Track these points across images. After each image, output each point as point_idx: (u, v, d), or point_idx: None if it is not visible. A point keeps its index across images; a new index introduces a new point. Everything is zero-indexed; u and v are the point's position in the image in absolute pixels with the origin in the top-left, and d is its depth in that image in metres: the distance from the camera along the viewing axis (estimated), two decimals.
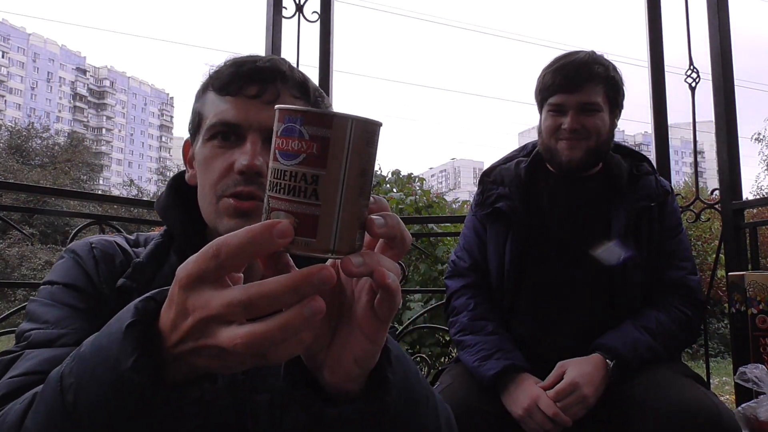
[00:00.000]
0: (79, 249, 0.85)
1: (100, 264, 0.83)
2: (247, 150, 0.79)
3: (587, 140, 1.43)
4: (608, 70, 1.44)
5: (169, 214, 0.89)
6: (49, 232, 20.60)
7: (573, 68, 1.42)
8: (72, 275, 0.82)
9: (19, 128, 30.30)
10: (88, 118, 72.64)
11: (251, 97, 0.81)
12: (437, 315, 4.45)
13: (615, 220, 1.44)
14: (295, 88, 0.84)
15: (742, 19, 32.21)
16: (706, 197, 2.28)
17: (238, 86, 0.81)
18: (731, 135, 2.12)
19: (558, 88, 1.43)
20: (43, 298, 0.81)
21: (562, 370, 1.29)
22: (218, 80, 0.83)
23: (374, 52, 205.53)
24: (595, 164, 1.48)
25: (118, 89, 76.50)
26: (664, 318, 1.39)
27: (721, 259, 2.31)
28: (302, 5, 2.59)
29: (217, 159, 0.82)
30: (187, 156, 0.92)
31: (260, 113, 0.80)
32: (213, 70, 0.86)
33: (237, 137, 0.81)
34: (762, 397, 1.28)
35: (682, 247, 1.49)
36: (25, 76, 67.61)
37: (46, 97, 69.41)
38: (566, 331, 1.43)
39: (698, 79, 2.22)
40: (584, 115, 1.42)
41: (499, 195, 1.53)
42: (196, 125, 0.87)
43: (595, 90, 1.42)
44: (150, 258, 0.85)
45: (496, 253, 1.52)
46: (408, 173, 6.67)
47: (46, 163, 27.09)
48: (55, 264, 0.87)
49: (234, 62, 0.84)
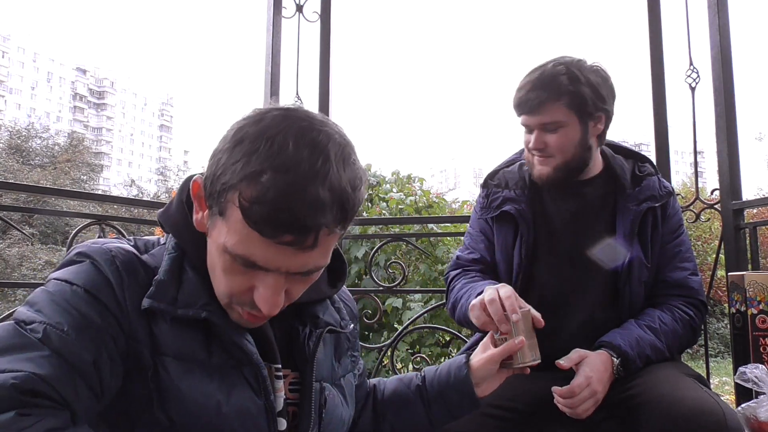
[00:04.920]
0: (100, 257, 0.80)
1: (125, 278, 0.80)
2: (268, 293, 0.77)
3: (553, 157, 1.44)
4: (563, 85, 1.39)
5: (181, 233, 0.87)
6: (49, 232, 20.59)
7: (527, 90, 1.41)
8: (96, 284, 0.78)
9: (19, 128, 30.27)
10: (88, 118, 72.58)
11: (285, 244, 0.72)
12: (437, 315, 4.45)
13: (620, 221, 1.45)
14: (336, 223, 0.74)
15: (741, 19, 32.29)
16: (706, 197, 2.28)
17: (272, 232, 0.71)
18: (731, 135, 2.12)
19: (519, 110, 1.45)
20: (56, 295, 0.76)
21: (580, 360, 1.28)
22: (250, 210, 0.71)
23: (374, 53, 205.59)
24: (570, 177, 1.48)
25: (118, 89, 76.47)
26: (667, 318, 1.40)
27: (721, 259, 2.31)
28: (302, 5, 2.59)
29: (235, 276, 0.78)
30: (196, 194, 0.82)
31: (292, 260, 0.74)
32: (246, 169, 0.71)
33: (259, 268, 0.76)
34: (762, 397, 1.28)
35: (684, 248, 1.50)
36: (25, 76, 67.61)
37: (46, 97, 69.35)
38: (571, 332, 1.44)
39: (698, 79, 2.22)
40: (547, 132, 1.42)
41: (505, 198, 1.54)
42: (214, 203, 0.77)
43: (554, 108, 1.40)
44: (170, 275, 0.83)
45: (505, 255, 1.52)
46: (408, 173, 6.68)
47: (46, 163, 27.07)
48: (67, 267, 0.82)
49: (273, 201, 0.70)
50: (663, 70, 2.27)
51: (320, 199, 0.71)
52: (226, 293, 0.81)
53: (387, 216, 5.51)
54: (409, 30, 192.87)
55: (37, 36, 74.22)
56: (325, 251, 0.77)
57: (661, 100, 2.27)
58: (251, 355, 0.84)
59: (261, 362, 0.85)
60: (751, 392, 1.35)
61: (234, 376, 0.83)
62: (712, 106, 2.16)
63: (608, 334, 1.36)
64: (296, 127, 0.74)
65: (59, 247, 18.06)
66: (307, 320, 0.95)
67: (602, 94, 1.43)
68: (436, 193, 6.70)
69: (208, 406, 0.79)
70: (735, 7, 2.17)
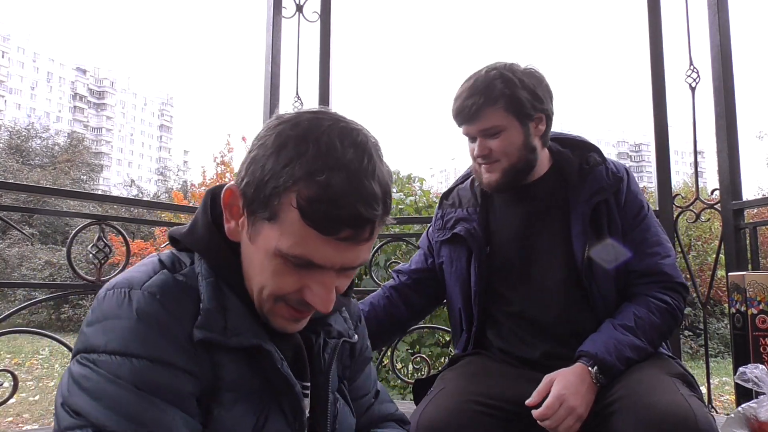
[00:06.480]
0: (144, 303, 0.75)
1: (176, 314, 0.76)
2: (322, 292, 0.78)
3: (499, 162, 1.44)
4: (497, 89, 1.39)
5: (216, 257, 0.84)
6: (49, 232, 20.61)
7: (463, 98, 1.42)
8: (157, 345, 0.73)
9: (18, 128, 30.29)
10: (88, 118, 72.58)
11: (343, 239, 0.75)
12: (437, 315, 4.44)
13: (572, 221, 1.43)
14: (385, 214, 0.78)
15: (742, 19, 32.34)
16: (706, 197, 2.28)
17: (332, 229, 0.73)
18: (731, 135, 2.12)
19: (457, 119, 1.45)
20: (121, 381, 0.70)
21: (550, 383, 1.27)
22: (310, 209, 0.73)
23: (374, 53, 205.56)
24: (518, 180, 1.47)
25: (118, 89, 76.47)
26: (642, 311, 1.37)
27: (721, 259, 2.31)
28: (302, 5, 2.60)
29: (286, 277, 0.78)
30: (228, 202, 0.82)
31: (346, 254, 0.77)
32: (301, 171, 0.73)
33: (313, 266, 0.77)
34: (762, 397, 1.27)
35: (650, 233, 1.46)
36: (25, 76, 67.62)
37: (46, 97, 69.34)
38: (547, 336, 1.42)
39: (698, 79, 2.22)
40: (489, 138, 1.42)
41: (458, 218, 1.55)
42: (263, 208, 0.76)
43: (490, 114, 1.40)
44: (215, 302, 0.79)
45: (459, 275, 1.52)
46: (408, 173, 6.68)
47: (46, 163, 27.10)
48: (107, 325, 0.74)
49: (332, 198, 0.72)
50: (663, 69, 2.28)
51: (374, 193, 0.75)
52: (275, 295, 0.80)
53: None
54: (409, 30, 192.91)
55: (37, 36, 74.33)
56: (372, 244, 0.81)
57: (661, 100, 2.27)
58: (293, 387, 0.83)
59: (301, 394, 0.84)
60: (751, 392, 1.34)
61: (272, 404, 0.82)
62: (712, 106, 2.17)
63: (585, 342, 1.33)
64: (336, 128, 0.77)
65: (59, 247, 18.08)
66: (320, 329, 0.95)
67: (539, 94, 1.43)
68: (436, 193, 6.70)
69: None
70: (735, 6, 2.18)
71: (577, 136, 1.58)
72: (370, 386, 1.10)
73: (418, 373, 2.94)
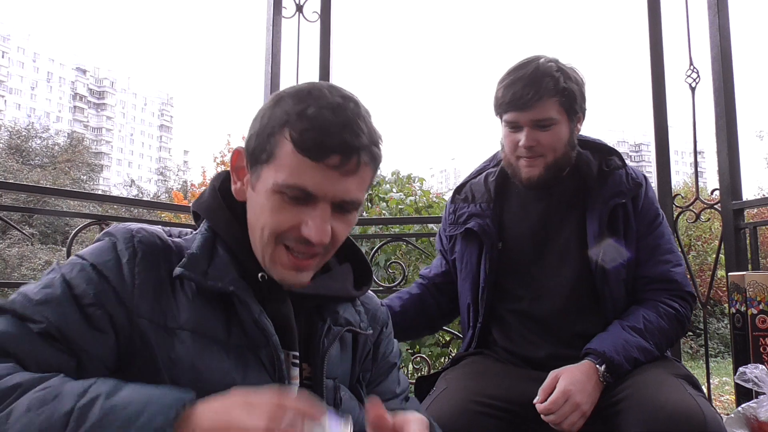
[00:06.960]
0: (120, 235, 0.87)
1: (138, 255, 0.84)
2: (317, 221, 0.83)
3: (544, 156, 1.40)
4: (559, 81, 1.37)
5: (215, 215, 0.93)
6: (49, 232, 20.59)
7: (522, 85, 1.37)
8: (104, 260, 0.83)
9: (18, 128, 30.27)
10: (88, 118, 72.56)
11: (332, 167, 0.82)
12: None
13: (589, 222, 1.42)
14: (368, 155, 0.85)
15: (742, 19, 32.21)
16: (706, 197, 2.28)
17: (321, 154, 0.81)
18: (731, 135, 2.12)
19: (509, 106, 1.39)
20: (64, 267, 0.83)
21: (556, 380, 1.27)
22: (301, 138, 0.81)
23: (374, 53, 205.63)
24: (556, 177, 1.45)
25: (118, 89, 76.44)
26: (652, 315, 1.37)
27: (721, 259, 2.31)
28: (302, 5, 2.60)
29: (284, 213, 0.84)
30: (235, 164, 0.91)
31: (337, 184, 0.83)
32: (294, 108, 0.83)
33: (308, 199, 0.83)
34: (762, 397, 1.28)
35: (663, 240, 1.46)
36: (25, 76, 67.60)
37: (46, 97, 69.33)
38: (553, 337, 1.42)
39: (698, 79, 2.22)
40: (539, 130, 1.38)
41: (471, 214, 1.53)
42: (262, 152, 0.85)
43: (548, 104, 1.37)
44: (203, 250, 0.87)
45: (470, 271, 1.51)
46: (408, 173, 6.68)
47: (46, 163, 27.08)
48: (93, 244, 0.89)
49: (321, 126, 0.81)
50: (663, 70, 2.28)
51: (360, 127, 0.83)
52: (275, 233, 0.85)
53: (387, 216, 5.51)
54: (410, 30, 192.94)
55: (37, 36, 74.35)
56: (361, 184, 0.86)
57: (661, 100, 2.27)
58: (270, 337, 0.85)
59: (278, 345, 0.86)
60: (751, 392, 1.34)
61: (250, 358, 0.85)
62: (712, 106, 2.17)
63: (593, 340, 1.34)
64: (327, 85, 0.87)
65: (59, 247, 18.06)
66: (327, 316, 0.96)
67: (584, 93, 1.44)
68: (436, 193, 6.70)
69: (222, 385, 0.79)
70: (735, 7, 2.18)
71: (596, 138, 1.56)
72: (396, 390, 1.09)
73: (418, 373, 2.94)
